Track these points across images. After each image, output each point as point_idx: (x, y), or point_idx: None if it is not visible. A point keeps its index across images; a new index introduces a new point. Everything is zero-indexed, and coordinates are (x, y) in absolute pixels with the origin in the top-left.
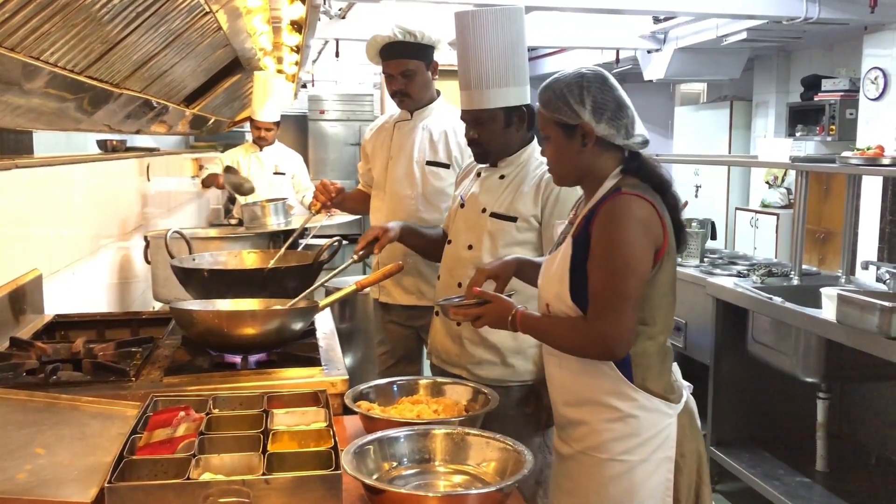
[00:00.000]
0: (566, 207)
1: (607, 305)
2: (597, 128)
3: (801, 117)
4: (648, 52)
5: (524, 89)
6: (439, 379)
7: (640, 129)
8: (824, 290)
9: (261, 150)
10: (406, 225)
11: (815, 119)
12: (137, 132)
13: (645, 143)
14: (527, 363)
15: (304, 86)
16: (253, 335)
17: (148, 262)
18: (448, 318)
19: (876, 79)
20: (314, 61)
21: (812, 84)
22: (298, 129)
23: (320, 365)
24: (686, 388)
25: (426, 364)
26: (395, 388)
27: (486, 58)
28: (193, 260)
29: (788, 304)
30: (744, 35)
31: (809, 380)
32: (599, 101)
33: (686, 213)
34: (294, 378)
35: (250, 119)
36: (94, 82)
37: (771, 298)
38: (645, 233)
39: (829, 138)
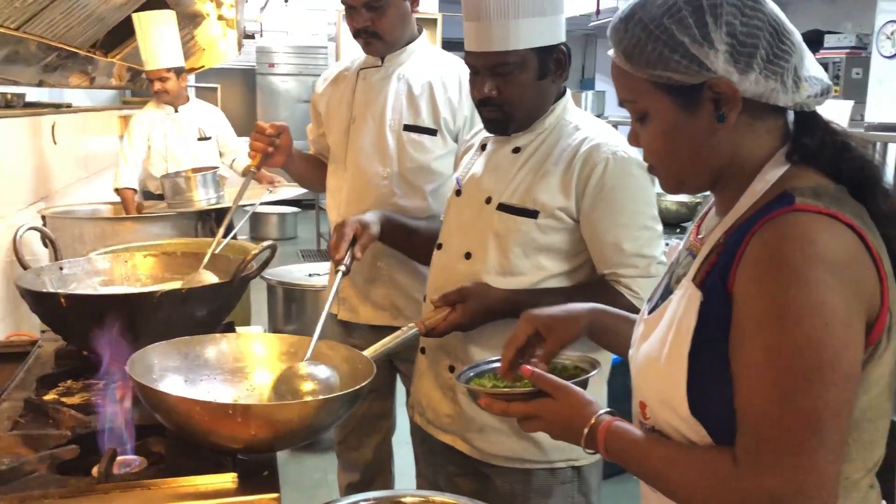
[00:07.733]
0: (619, 199)
1: (781, 438)
2: (741, 83)
3: None
4: None
5: (559, 20)
6: (408, 498)
7: (815, 67)
8: None
9: (176, 110)
10: (387, 216)
11: None
12: (40, 84)
13: (826, 91)
14: None
15: (252, 36)
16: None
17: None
18: (477, 405)
19: (893, 34)
20: (262, 8)
21: (813, 40)
22: (246, 85)
23: (233, 469)
24: None
25: (400, 403)
26: None
27: None
28: (61, 270)
29: None
30: None
31: None
32: (741, 32)
33: None
34: (187, 496)
35: (144, 73)
36: None
37: None
38: (848, 291)
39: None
